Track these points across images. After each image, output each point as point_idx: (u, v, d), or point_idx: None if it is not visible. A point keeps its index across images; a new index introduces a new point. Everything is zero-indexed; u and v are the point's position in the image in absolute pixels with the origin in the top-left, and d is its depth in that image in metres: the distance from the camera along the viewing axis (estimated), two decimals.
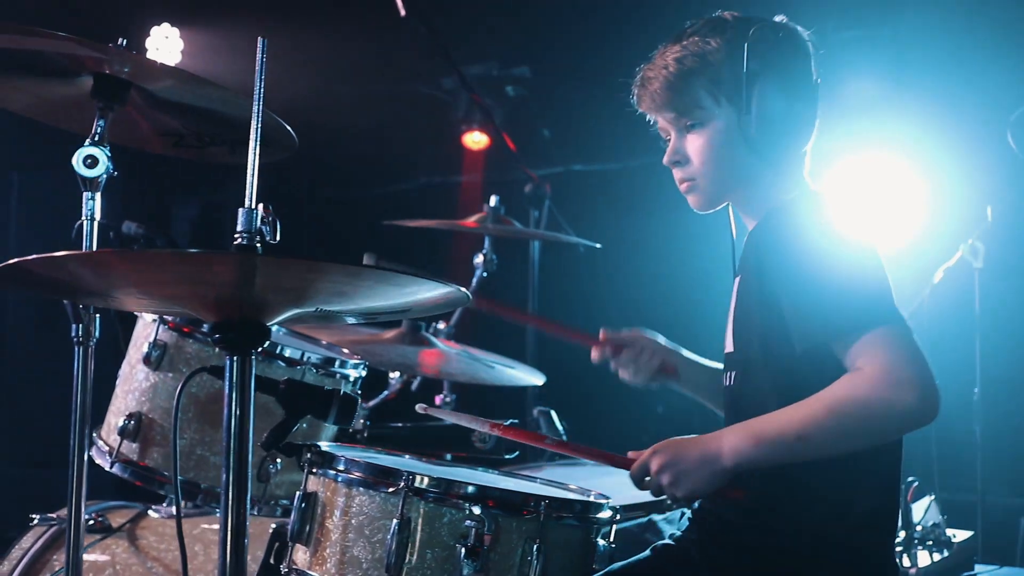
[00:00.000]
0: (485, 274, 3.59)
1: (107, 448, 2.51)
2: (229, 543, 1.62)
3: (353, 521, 1.97)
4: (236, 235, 1.65)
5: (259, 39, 1.67)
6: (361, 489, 1.97)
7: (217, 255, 1.50)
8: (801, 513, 1.90)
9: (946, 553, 3.14)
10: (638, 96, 2.07)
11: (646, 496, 2.64)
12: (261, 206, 1.69)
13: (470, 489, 1.93)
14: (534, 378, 3.33)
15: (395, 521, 1.91)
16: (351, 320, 2.00)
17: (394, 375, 3.32)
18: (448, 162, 6.42)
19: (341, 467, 2.01)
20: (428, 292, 1.64)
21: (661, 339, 2.24)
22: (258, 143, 1.66)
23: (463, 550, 1.89)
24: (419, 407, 2.15)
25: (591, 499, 2.11)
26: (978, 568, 3.28)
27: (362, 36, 5.75)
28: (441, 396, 3.77)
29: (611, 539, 2.05)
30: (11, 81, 2.18)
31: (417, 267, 1.64)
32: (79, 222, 2.51)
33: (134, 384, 2.50)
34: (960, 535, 3.24)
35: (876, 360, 1.76)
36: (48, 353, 5.49)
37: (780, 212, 1.96)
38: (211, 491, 2.46)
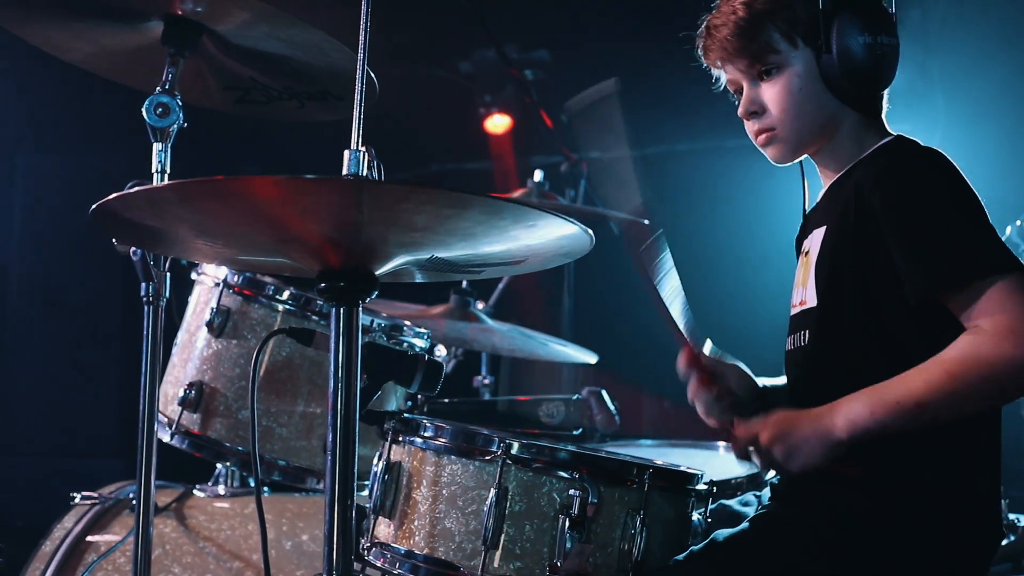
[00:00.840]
0: None
1: (166, 419, 2.38)
2: (337, 510, 1.52)
3: (444, 492, 1.86)
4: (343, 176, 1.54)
5: None
6: (453, 457, 1.86)
7: (333, 181, 1.38)
8: (903, 477, 1.79)
9: (1012, 538, 3.05)
10: (704, 47, 1.96)
11: (719, 476, 2.58)
12: (366, 149, 1.58)
13: (569, 456, 1.83)
14: (586, 356, 3.22)
15: (493, 491, 1.80)
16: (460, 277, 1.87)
17: (442, 351, 3.21)
18: (463, 149, 6.30)
19: (429, 434, 1.89)
20: (548, 232, 1.52)
21: (744, 369, 2.10)
22: (364, 76, 1.55)
23: (566, 521, 1.78)
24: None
25: (690, 471, 2.00)
26: None
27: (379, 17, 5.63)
28: (480, 377, 3.67)
29: (706, 514, 1.95)
30: (71, 28, 2.05)
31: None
32: (132, 183, 2.39)
33: (194, 352, 2.38)
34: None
35: (1000, 314, 1.65)
36: (62, 342, 5.37)
37: (879, 155, 1.85)
38: (274, 464, 2.35)
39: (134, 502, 2.48)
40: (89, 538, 2.53)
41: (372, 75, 2.00)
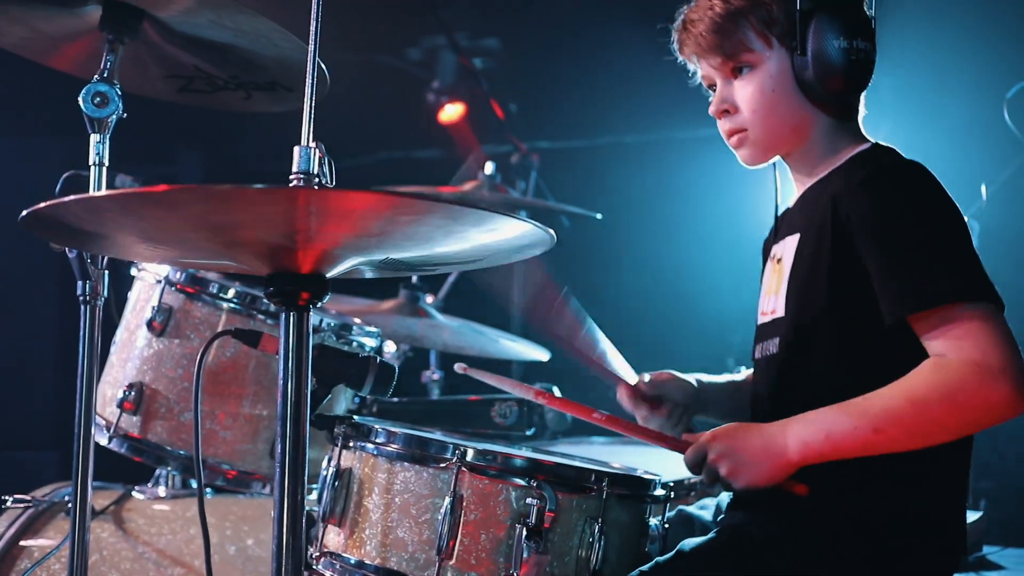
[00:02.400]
0: None
1: (104, 422, 2.28)
2: (286, 521, 1.44)
3: (396, 500, 1.79)
4: (292, 176, 1.47)
5: None
6: (406, 464, 1.80)
7: (283, 191, 1.31)
8: (868, 488, 1.74)
9: None
10: (679, 41, 1.92)
11: (672, 476, 2.55)
12: (317, 145, 1.51)
13: (526, 464, 1.77)
14: (537, 353, 3.17)
15: (447, 499, 1.74)
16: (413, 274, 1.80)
17: (391, 347, 3.14)
18: (410, 137, 6.21)
19: (380, 440, 1.83)
20: (509, 233, 1.46)
21: (677, 375, 2.08)
22: (315, 71, 1.47)
23: (523, 530, 1.73)
24: (458, 367, 1.97)
25: (647, 476, 1.96)
26: (986, 549, 3.22)
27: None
28: (429, 372, 3.61)
29: (664, 519, 1.91)
30: (5, 11, 1.94)
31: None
32: (67, 174, 2.29)
33: (134, 352, 2.28)
34: (969, 516, 3.17)
35: (968, 346, 1.60)
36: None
37: (858, 165, 1.80)
38: (218, 468, 2.27)
39: (69, 505, 2.39)
40: (22, 543, 2.43)
41: (323, 67, 1.92)
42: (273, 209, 1.35)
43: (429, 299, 3.36)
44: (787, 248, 1.88)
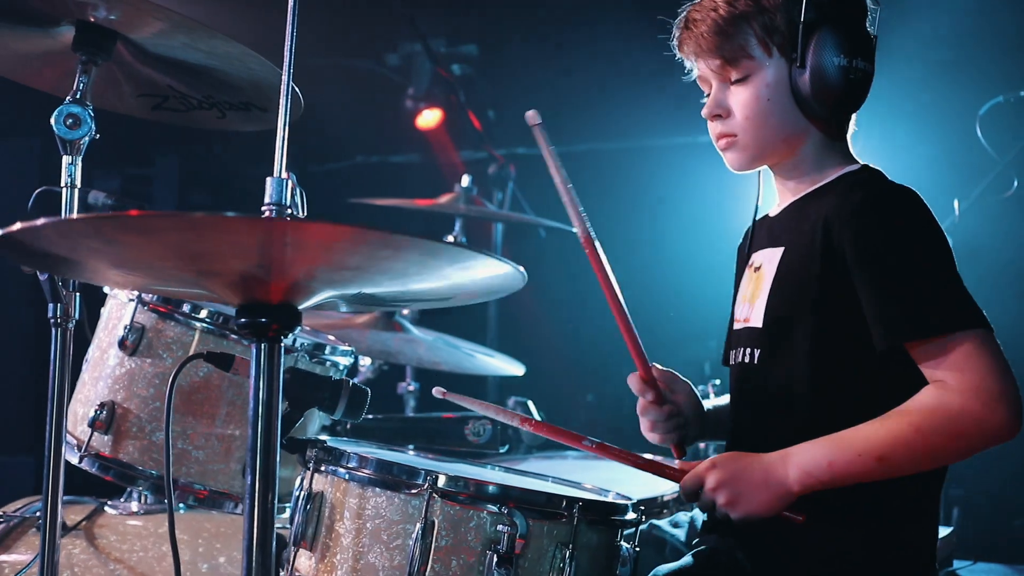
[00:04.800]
0: None
1: (75, 440, 2.27)
2: (255, 548, 1.43)
3: (368, 525, 1.80)
4: (264, 207, 1.47)
5: None
6: (377, 490, 1.80)
7: (255, 220, 1.31)
8: (844, 517, 1.76)
9: None
10: (680, 39, 1.91)
11: (642, 494, 2.56)
12: (289, 176, 1.51)
13: (498, 490, 1.78)
14: (513, 368, 3.18)
15: (418, 525, 1.75)
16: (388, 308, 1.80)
17: (366, 361, 3.14)
18: (387, 141, 6.20)
19: (352, 464, 1.83)
20: (482, 271, 1.46)
21: (693, 389, 2.05)
22: (288, 105, 1.48)
23: (494, 557, 1.73)
24: (436, 391, 1.95)
25: (618, 501, 1.97)
26: (956, 564, 3.24)
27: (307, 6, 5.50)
28: (404, 384, 3.61)
29: (635, 542, 1.92)
30: None
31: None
32: (39, 190, 2.27)
33: (106, 370, 2.26)
34: (940, 531, 3.19)
35: (967, 371, 1.62)
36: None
37: (854, 188, 1.79)
38: (190, 487, 2.25)
39: (40, 520, 2.38)
40: None
41: (297, 91, 1.92)
42: (245, 239, 1.35)
43: (404, 312, 3.36)
44: (769, 260, 1.88)
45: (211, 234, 1.32)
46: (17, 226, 1.28)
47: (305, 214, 1.52)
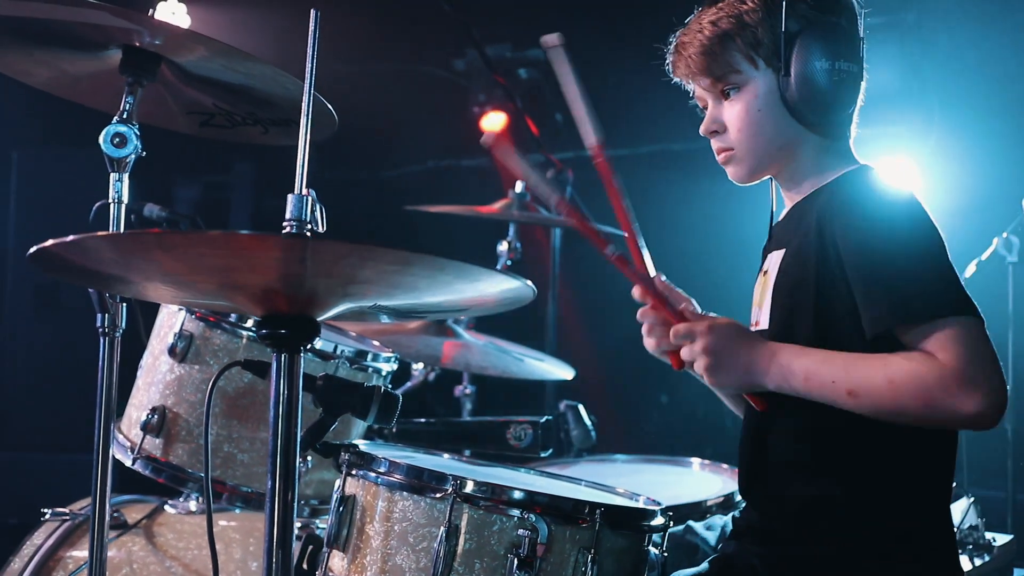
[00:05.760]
0: (509, 262, 3.48)
1: (128, 443, 2.38)
2: (275, 549, 1.50)
3: (396, 527, 1.85)
4: (285, 223, 1.54)
5: (312, 11, 1.55)
6: (404, 494, 1.86)
7: (275, 238, 1.38)
8: (857, 522, 1.78)
9: (987, 558, 3.04)
10: (673, 63, 1.96)
11: (688, 498, 2.58)
12: (311, 192, 1.58)
13: (522, 495, 1.82)
14: (563, 372, 3.21)
15: (442, 529, 1.80)
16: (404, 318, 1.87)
17: (418, 367, 3.21)
18: (457, 146, 6.29)
19: (382, 469, 1.89)
20: (492, 286, 1.52)
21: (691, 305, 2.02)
22: (309, 122, 1.54)
23: (515, 560, 1.78)
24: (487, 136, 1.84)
25: (645, 506, 2.00)
26: (1016, 572, 3.19)
27: (372, 14, 5.61)
28: (461, 387, 3.67)
29: (663, 548, 1.95)
30: (33, 54, 2.04)
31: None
32: (98, 204, 2.39)
33: (157, 376, 2.37)
34: (1000, 539, 3.14)
35: (950, 352, 1.66)
36: (51, 335, 5.39)
37: (844, 185, 1.84)
38: (236, 490, 2.34)
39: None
40: (59, 554, 2.54)
41: (330, 107, 1.99)
42: (267, 255, 1.43)
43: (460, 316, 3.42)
44: (773, 263, 1.92)
45: (228, 251, 1.39)
46: (40, 246, 1.37)
47: (324, 228, 1.58)
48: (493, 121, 5.66)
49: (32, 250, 1.43)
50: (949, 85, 4.86)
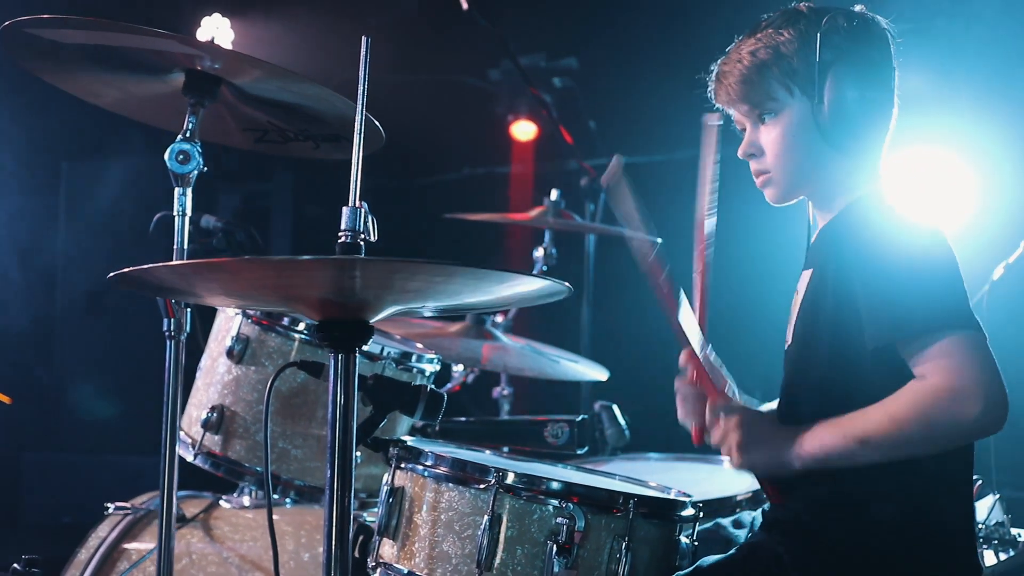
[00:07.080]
0: (545, 268, 3.60)
1: (190, 440, 2.54)
2: (334, 538, 1.64)
3: (442, 516, 1.98)
4: (340, 234, 1.67)
5: (363, 38, 1.69)
6: (450, 485, 1.99)
7: (327, 260, 1.52)
8: (878, 512, 1.89)
9: (1011, 552, 3.11)
10: (714, 91, 2.08)
11: (718, 493, 2.69)
12: (363, 205, 1.71)
13: (560, 486, 1.95)
14: (598, 373, 3.33)
15: (486, 517, 1.93)
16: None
17: (458, 368, 3.34)
18: (493, 154, 6.42)
19: (429, 462, 2.02)
20: (527, 286, 1.65)
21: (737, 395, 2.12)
22: (361, 140, 1.67)
23: (554, 547, 1.91)
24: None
25: (676, 497, 2.11)
26: None
27: (411, 29, 5.77)
28: (499, 388, 3.80)
29: (694, 537, 2.06)
30: (101, 76, 2.20)
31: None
32: (159, 215, 2.55)
33: (216, 377, 2.53)
34: None
35: (941, 369, 1.76)
36: (103, 338, 5.57)
37: (857, 207, 1.96)
38: (291, 483, 2.49)
39: None
40: (123, 546, 2.70)
41: (377, 124, 2.13)
42: (321, 274, 1.57)
43: (499, 318, 3.54)
44: (802, 282, 2.04)
45: (288, 272, 1.54)
46: (119, 272, 1.53)
47: (376, 238, 1.71)
48: (523, 131, 5.81)
49: (111, 275, 1.58)
50: (980, 87, 4.91)
